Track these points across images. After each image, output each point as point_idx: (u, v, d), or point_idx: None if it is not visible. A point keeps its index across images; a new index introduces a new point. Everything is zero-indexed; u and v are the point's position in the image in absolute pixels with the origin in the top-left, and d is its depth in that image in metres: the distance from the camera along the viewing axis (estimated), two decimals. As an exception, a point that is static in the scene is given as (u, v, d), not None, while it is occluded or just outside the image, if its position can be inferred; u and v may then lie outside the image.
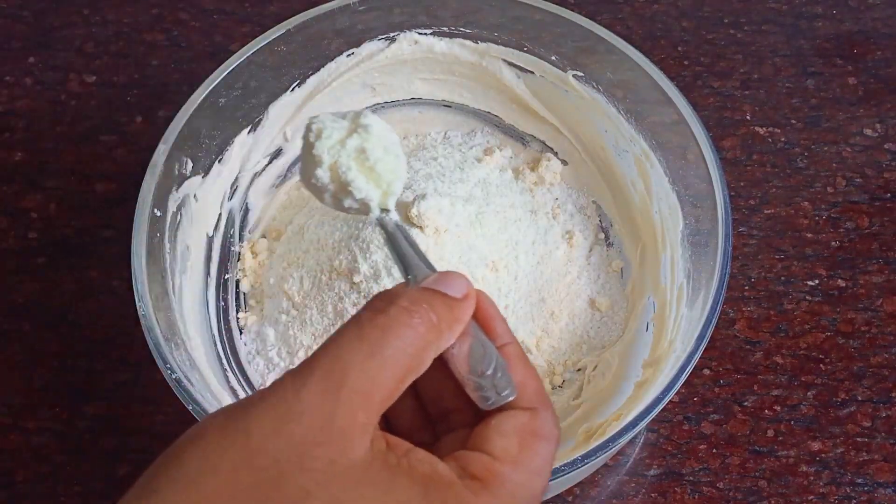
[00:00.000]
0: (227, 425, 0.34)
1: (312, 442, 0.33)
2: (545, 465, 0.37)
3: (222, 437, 0.33)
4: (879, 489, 0.65)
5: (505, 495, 0.35)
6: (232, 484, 0.32)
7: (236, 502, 0.32)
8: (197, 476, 0.33)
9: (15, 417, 0.68)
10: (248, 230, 0.72)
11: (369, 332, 0.35)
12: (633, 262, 0.69)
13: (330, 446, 0.33)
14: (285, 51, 0.68)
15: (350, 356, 0.34)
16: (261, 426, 0.33)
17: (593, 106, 0.70)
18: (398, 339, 0.35)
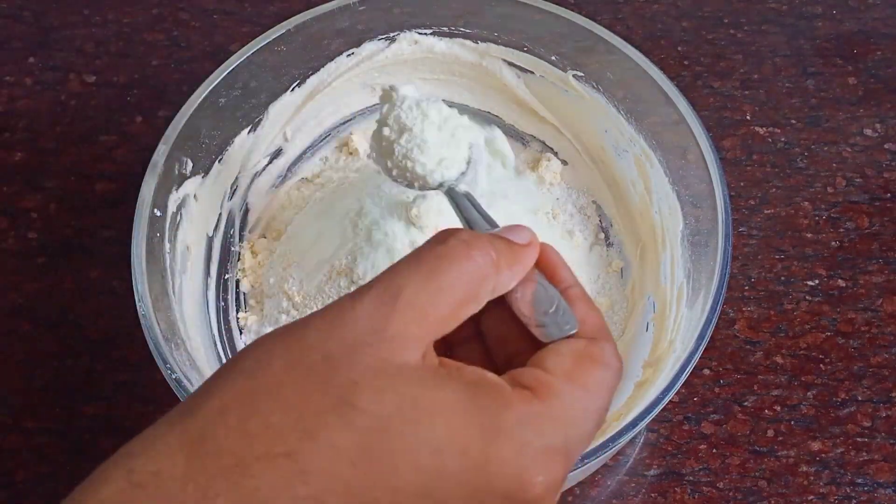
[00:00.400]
0: (282, 332, 0.35)
1: (364, 342, 0.34)
2: (602, 388, 0.37)
3: (278, 342, 0.35)
4: (879, 489, 0.65)
5: (557, 407, 0.35)
6: (283, 375, 0.33)
7: (287, 390, 0.33)
8: (250, 371, 0.34)
9: (15, 417, 0.68)
10: (248, 230, 0.72)
11: (427, 259, 0.36)
12: (633, 262, 0.69)
13: (381, 347, 0.34)
14: (285, 51, 0.68)
15: (407, 277, 0.35)
16: (315, 330, 0.34)
17: (593, 106, 0.70)
18: (456, 268, 0.36)
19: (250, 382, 0.33)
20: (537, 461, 0.34)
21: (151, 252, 0.60)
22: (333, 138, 0.75)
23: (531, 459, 0.34)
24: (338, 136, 0.75)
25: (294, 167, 0.74)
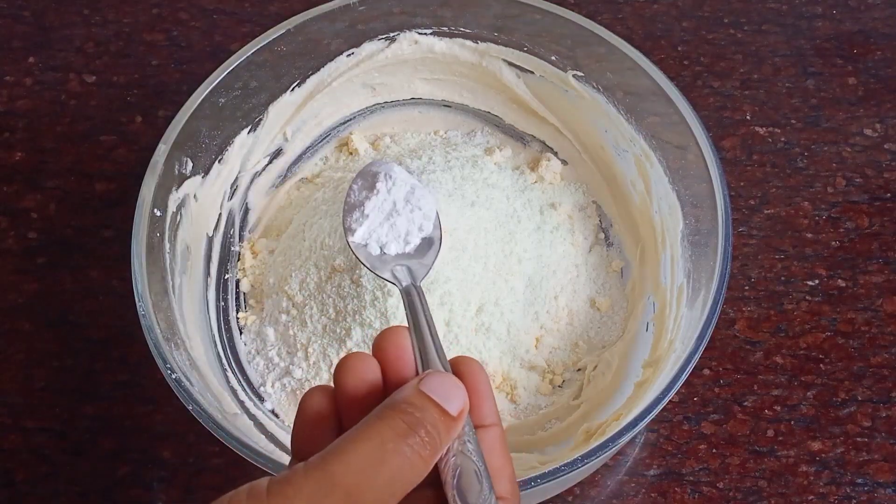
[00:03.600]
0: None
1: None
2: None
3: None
4: (879, 489, 0.65)
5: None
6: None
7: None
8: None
9: (15, 417, 0.68)
10: (248, 230, 0.72)
11: (391, 459, 0.36)
12: (633, 262, 0.69)
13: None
14: (285, 51, 0.68)
15: (373, 479, 0.36)
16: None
17: (593, 106, 0.70)
18: (414, 474, 0.37)
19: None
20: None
21: (151, 252, 0.60)
22: (333, 138, 0.75)
23: None
24: (338, 136, 0.75)
25: (294, 167, 0.74)
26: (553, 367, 0.66)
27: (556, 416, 0.64)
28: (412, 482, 0.37)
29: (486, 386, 0.41)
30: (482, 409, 0.41)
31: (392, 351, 0.41)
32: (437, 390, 0.39)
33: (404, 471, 0.36)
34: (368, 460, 0.36)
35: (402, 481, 0.36)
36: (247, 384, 0.65)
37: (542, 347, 0.66)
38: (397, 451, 0.36)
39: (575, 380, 0.66)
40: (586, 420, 0.62)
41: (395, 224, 0.58)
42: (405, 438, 0.37)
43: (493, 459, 0.40)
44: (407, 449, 0.36)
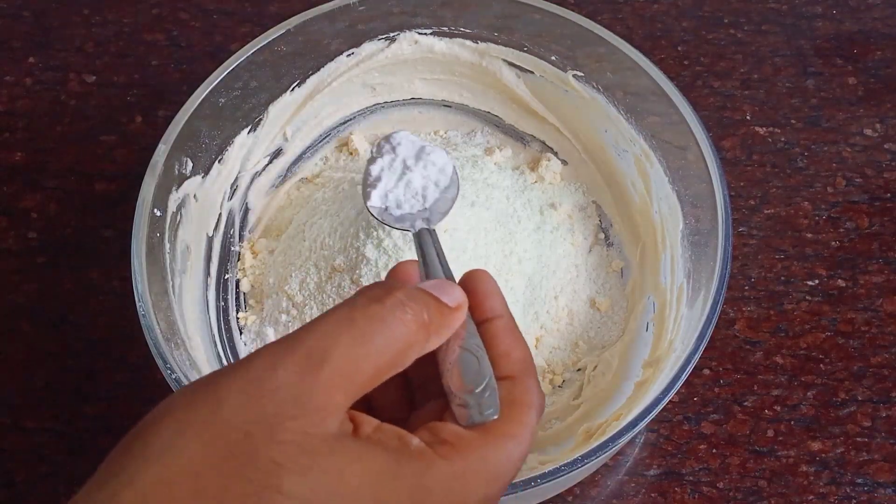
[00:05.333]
0: (195, 400, 0.34)
1: (285, 415, 0.33)
2: (525, 432, 0.37)
3: (190, 411, 0.33)
4: (879, 489, 0.65)
5: (480, 462, 0.35)
6: (200, 459, 0.32)
7: (205, 478, 0.32)
8: (163, 453, 0.32)
9: (15, 417, 0.68)
10: (248, 230, 0.72)
11: (361, 319, 0.35)
12: (633, 262, 0.69)
13: (303, 420, 0.33)
14: (285, 51, 0.68)
15: (337, 338, 0.34)
16: (231, 400, 0.33)
17: (593, 106, 0.70)
18: (388, 331, 0.35)
19: (168, 469, 0.32)
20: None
21: (151, 252, 0.60)
22: (333, 138, 0.75)
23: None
24: (338, 136, 0.75)
25: (294, 167, 0.74)
26: (553, 367, 0.66)
27: (556, 416, 0.64)
28: (394, 353, 0.35)
29: (491, 284, 0.41)
30: (486, 304, 0.40)
31: (401, 279, 0.41)
32: (433, 287, 0.39)
33: (385, 337, 0.35)
34: (336, 322, 0.35)
35: (380, 348, 0.35)
36: (247, 384, 0.65)
37: (542, 347, 0.66)
38: (372, 316, 0.35)
39: (575, 380, 0.66)
40: (586, 420, 0.62)
41: (409, 182, 0.58)
42: (404, 312, 0.36)
43: (497, 345, 0.39)
44: (388, 316, 0.35)
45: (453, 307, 0.38)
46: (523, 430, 0.37)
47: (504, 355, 0.39)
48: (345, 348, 0.34)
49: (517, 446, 0.36)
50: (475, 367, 0.38)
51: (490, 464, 0.36)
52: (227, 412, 0.33)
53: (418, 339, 0.36)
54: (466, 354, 0.39)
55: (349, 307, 0.36)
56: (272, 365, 0.33)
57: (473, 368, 0.38)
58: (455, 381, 0.38)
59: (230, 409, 0.33)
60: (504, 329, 0.40)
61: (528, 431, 0.37)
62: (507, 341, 0.39)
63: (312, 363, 0.33)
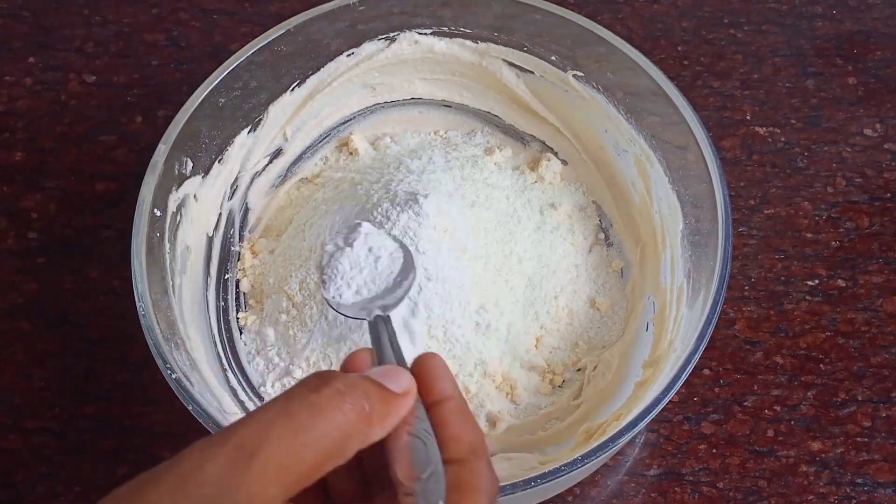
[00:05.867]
0: (126, 495, 0.33)
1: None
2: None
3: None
4: (879, 489, 0.65)
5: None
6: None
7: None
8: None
9: (15, 417, 0.68)
10: (248, 230, 0.72)
11: (297, 409, 0.34)
12: (633, 262, 0.69)
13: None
14: (285, 51, 0.68)
15: (272, 429, 0.33)
16: (157, 497, 0.32)
17: (593, 106, 0.70)
18: (326, 421, 0.34)
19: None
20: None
21: (151, 252, 0.60)
22: (333, 138, 0.75)
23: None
24: (338, 136, 0.75)
25: (294, 167, 0.74)
26: (553, 367, 0.66)
27: (556, 416, 0.64)
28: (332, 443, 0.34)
29: (441, 367, 0.40)
30: (436, 387, 0.39)
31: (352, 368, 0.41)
32: (379, 374, 0.38)
33: (322, 428, 0.34)
34: (270, 414, 0.34)
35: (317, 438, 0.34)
36: (247, 384, 0.65)
37: (542, 347, 0.66)
38: (309, 406, 0.34)
39: (575, 380, 0.66)
40: (586, 420, 0.62)
41: (365, 270, 0.59)
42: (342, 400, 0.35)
43: (447, 428, 0.38)
44: (326, 405, 0.34)
45: (399, 393, 0.37)
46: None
47: (453, 438, 0.38)
48: (279, 439, 0.33)
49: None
50: (423, 453, 0.38)
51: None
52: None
53: (358, 428, 0.35)
54: (414, 440, 0.38)
55: (285, 398, 0.35)
56: (200, 461, 0.33)
57: (421, 454, 0.37)
58: (402, 470, 0.37)
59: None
60: (454, 411, 0.39)
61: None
62: (456, 424, 0.38)
63: (243, 455, 0.33)
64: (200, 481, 0.32)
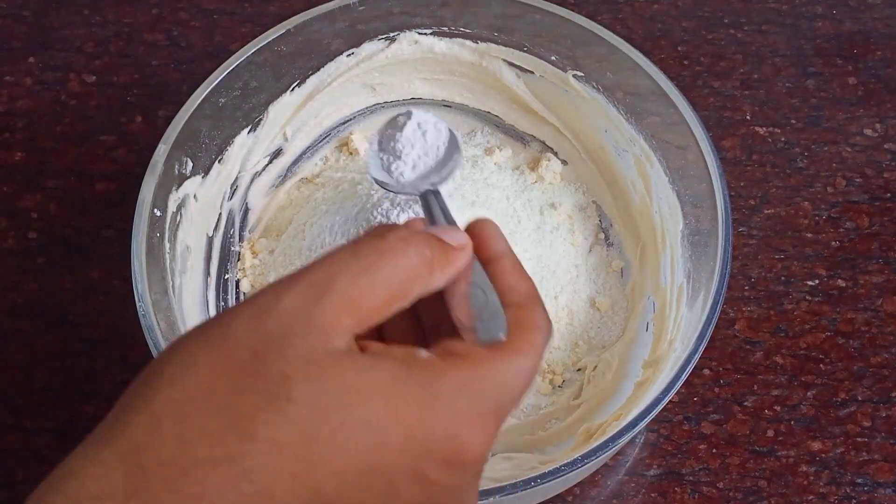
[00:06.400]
0: (204, 331, 0.35)
1: (291, 333, 0.33)
2: (531, 349, 0.38)
3: (200, 341, 0.34)
4: (879, 489, 0.65)
5: (488, 372, 0.36)
6: (210, 379, 0.33)
7: (216, 395, 0.32)
8: (174, 378, 0.33)
9: (15, 417, 0.68)
10: (248, 230, 0.72)
11: (365, 252, 0.36)
12: (633, 262, 0.69)
13: (309, 336, 0.33)
14: (285, 51, 0.68)
15: (342, 269, 0.35)
16: (238, 327, 0.34)
17: (593, 106, 0.70)
18: (391, 264, 0.36)
19: (179, 390, 0.33)
20: (472, 425, 0.35)
21: (151, 252, 0.60)
22: (333, 138, 0.75)
23: (466, 424, 0.34)
24: (338, 136, 0.75)
25: (294, 167, 0.74)
26: (553, 367, 0.66)
27: (556, 416, 0.64)
28: (398, 285, 0.36)
29: (495, 229, 0.42)
30: (491, 246, 0.41)
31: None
32: (436, 230, 0.40)
33: (389, 269, 0.36)
34: (339, 256, 0.36)
35: (384, 279, 0.35)
36: (247, 384, 0.65)
37: (542, 347, 0.66)
38: (376, 249, 0.36)
39: (575, 380, 0.66)
40: (586, 420, 0.62)
41: (412, 150, 0.59)
42: (406, 246, 0.37)
43: (503, 281, 0.40)
44: (390, 249, 0.36)
45: (456, 247, 0.39)
46: (532, 350, 0.38)
47: (510, 289, 0.40)
48: (349, 277, 0.35)
49: (526, 361, 0.37)
50: (482, 299, 0.40)
51: (499, 373, 0.36)
52: (234, 337, 0.34)
53: (421, 273, 0.37)
54: (474, 289, 0.40)
55: (353, 244, 0.37)
56: (276, 296, 0.35)
57: (481, 301, 0.40)
58: (463, 313, 0.40)
59: (237, 335, 0.34)
60: (510, 266, 0.41)
61: (537, 352, 0.38)
62: (513, 275, 0.40)
63: (316, 290, 0.34)
64: (278, 311, 0.34)
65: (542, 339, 0.38)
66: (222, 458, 0.31)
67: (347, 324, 0.34)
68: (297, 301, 0.34)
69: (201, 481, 0.31)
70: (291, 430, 0.32)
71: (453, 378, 0.35)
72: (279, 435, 0.32)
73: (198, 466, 0.31)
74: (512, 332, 0.38)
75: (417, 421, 0.34)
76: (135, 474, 0.32)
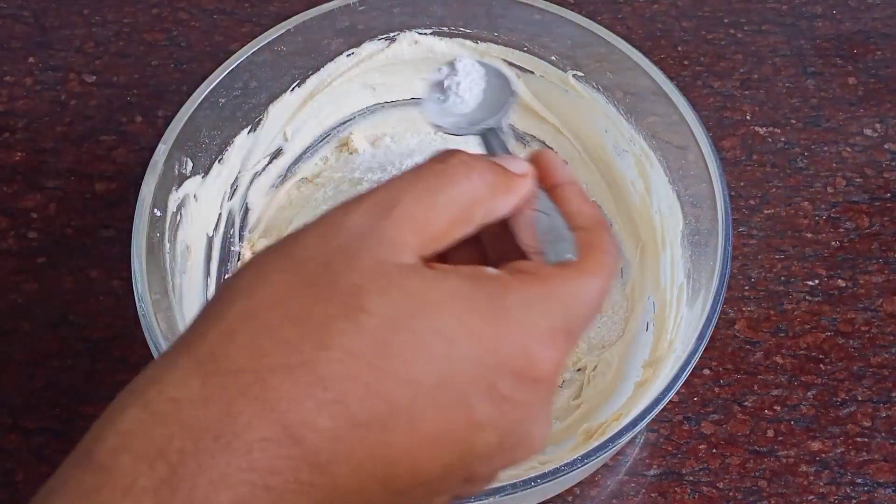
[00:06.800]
0: (276, 247, 0.35)
1: (361, 247, 0.34)
2: (600, 270, 0.37)
3: (273, 256, 0.35)
4: (879, 489, 0.65)
5: (558, 288, 0.36)
6: (282, 289, 0.33)
7: (289, 305, 0.33)
8: (246, 290, 0.34)
9: (15, 417, 0.68)
10: (248, 230, 0.72)
11: (426, 176, 0.36)
12: (633, 262, 0.69)
13: (379, 250, 0.34)
14: (285, 51, 0.68)
15: (404, 190, 0.35)
16: (307, 241, 0.35)
17: (593, 106, 0.70)
18: (454, 187, 0.36)
19: (252, 301, 0.33)
20: (543, 339, 0.34)
21: (151, 252, 0.60)
22: (333, 138, 0.75)
23: (537, 338, 0.34)
24: (338, 136, 0.75)
25: (294, 167, 0.74)
26: (553, 367, 0.66)
27: (556, 416, 0.64)
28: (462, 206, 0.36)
29: (558, 160, 0.42)
30: (555, 173, 0.41)
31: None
32: (497, 159, 0.40)
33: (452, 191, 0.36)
34: (403, 178, 0.36)
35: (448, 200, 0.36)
36: (247, 384, 0.65)
37: (542, 347, 0.66)
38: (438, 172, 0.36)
39: (575, 380, 0.66)
40: (586, 420, 0.62)
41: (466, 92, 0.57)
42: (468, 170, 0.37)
43: (568, 205, 0.40)
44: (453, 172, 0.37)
45: (519, 174, 0.39)
46: (600, 270, 0.37)
47: (576, 213, 0.40)
48: (413, 197, 0.35)
49: (596, 281, 0.37)
50: (549, 224, 0.40)
51: (570, 289, 0.36)
52: (305, 251, 0.34)
53: (484, 196, 0.37)
54: (539, 214, 0.40)
55: (415, 169, 0.37)
56: (343, 214, 0.35)
57: (546, 225, 0.40)
58: (530, 237, 0.39)
59: (308, 249, 0.34)
60: (574, 192, 0.41)
61: (606, 273, 0.38)
62: (578, 201, 0.40)
63: (381, 209, 0.35)
64: (346, 227, 0.35)
65: (611, 262, 0.38)
66: (297, 365, 0.32)
67: (413, 242, 0.35)
68: (363, 218, 0.35)
69: (276, 387, 0.32)
70: (365, 339, 0.32)
71: (522, 292, 0.35)
72: (353, 344, 0.32)
73: (273, 373, 0.32)
74: (581, 254, 0.38)
75: (488, 332, 0.34)
76: (210, 380, 0.32)
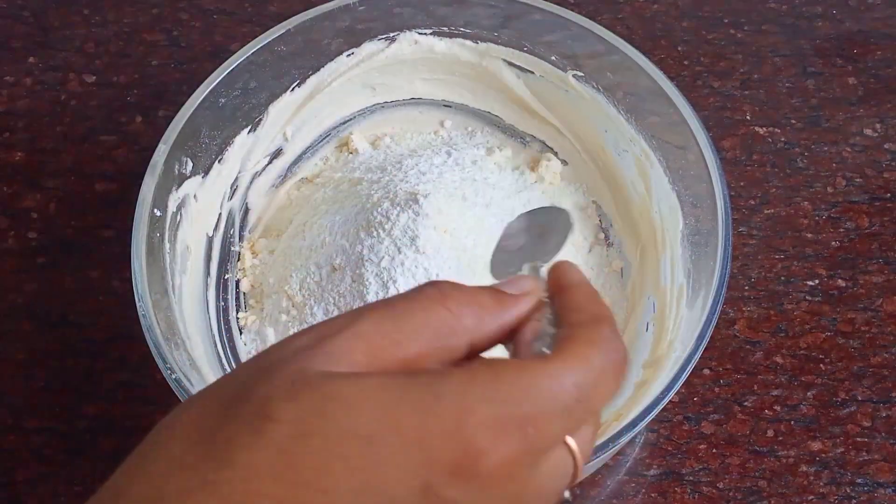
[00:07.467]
0: (215, 381, 0.34)
1: (284, 360, 0.32)
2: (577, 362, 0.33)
3: (203, 389, 0.34)
4: (879, 489, 0.65)
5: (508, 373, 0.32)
6: (197, 415, 0.32)
7: (199, 429, 0.31)
8: (167, 423, 0.32)
9: (15, 417, 0.68)
10: (248, 230, 0.72)
11: (396, 301, 0.34)
12: (633, 262, 0.69)
13: (302, 359, 0.32)
14: (285, 51, 0.68)
15: (368, 311, 0.33)
16: (240, 367, 0.34)
17: (593, 106, 0.70)
18: (423, 316, 0.33)
19: (166, 432, 0.32)
20: (484, 429, 0.30)
21: (151, 252, 0.60)
22: (333, 138, 0.75)
23: (475, 427, 0.30)
24: (338, 136, 0.75)
25: (294, 167, 0.74)
26: (553, 367, 0.66)
27: (556, 416, 0.64)
28: (450, 344, 0.34)
29: (569, 266, 0.39)
30: (564, 278, 0.38)
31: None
32: (500, 284, 0.37)
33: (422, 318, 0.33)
34: (372, 304, 0.34)
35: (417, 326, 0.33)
36: (247, 384, 0.65)
37: (542, 347, 0.66)
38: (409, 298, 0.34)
39: (575, 380, 0.66)
40: (586, 420, 0.62)
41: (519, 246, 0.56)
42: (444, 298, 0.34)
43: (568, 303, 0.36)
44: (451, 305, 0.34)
45: (515, 294, 0.36)
46: (576, 361, 0.33)
47: (573, 311, 0.36)
48: (374, 320, 0.33)
49: (566, 371, 0.32)
50: (545, 329, 0.36)
51: (525, 375, 0.32)
52: (230, 376, 0.33)
53: (466, 323, 0.34)
54: (542, 324, 0.37)
55: (392, 296, 0.35)
56: (292, 337, 0.33)
57: (544, 331, 0.36)
58: (522, 349, 0.36)
59: (235, 374, 0.33)
60: (579, 293, 0.37)
61: (585, 364, 0.33)
62: (578, 301, 0.36)
63: (333, 329, 0.32)
64: (285, 346, 0.33)
65: (598, 355, 0.33)
66: (197, 487, 0.30)
67: (359, 360, 0.32)
68: (309, 339, 0.32)
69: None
70: (271, 451, 0.30)
71: (462, 378, 0.31)
72: (257, 458, 0.30)
73: (171, 498, 0.30)
74: (559, 346, 0.34)
75: (415, 426, 0.30)
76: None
